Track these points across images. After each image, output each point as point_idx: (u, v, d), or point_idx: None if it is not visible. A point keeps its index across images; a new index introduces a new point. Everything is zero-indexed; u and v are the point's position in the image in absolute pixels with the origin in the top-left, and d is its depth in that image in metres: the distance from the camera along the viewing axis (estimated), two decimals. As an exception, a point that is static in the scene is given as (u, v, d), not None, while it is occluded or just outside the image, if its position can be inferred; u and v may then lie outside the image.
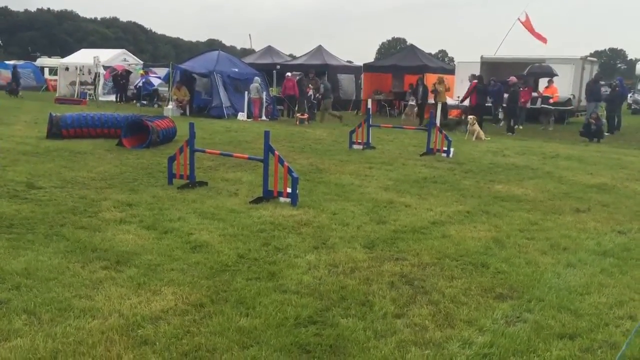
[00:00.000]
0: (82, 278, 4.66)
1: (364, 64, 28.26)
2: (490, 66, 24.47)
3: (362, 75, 27.43)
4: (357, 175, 10.00)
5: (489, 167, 11.40)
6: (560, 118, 22.70)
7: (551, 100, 21.57)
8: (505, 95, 20.38)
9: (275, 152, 7.76)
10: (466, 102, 20.94)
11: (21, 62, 46.21)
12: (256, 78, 22.00)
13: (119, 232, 6.01)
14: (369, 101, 16.53)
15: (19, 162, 10.11)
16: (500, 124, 21.16)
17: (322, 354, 3.56)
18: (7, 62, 46.15)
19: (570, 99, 23.29)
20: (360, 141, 13.62)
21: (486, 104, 21.16)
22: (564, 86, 22.56)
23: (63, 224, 6.24)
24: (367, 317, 4.11)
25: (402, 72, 26.68)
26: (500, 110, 21.92)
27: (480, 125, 20.13)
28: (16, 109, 22.16)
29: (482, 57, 24.76)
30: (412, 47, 29.28)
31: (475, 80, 20.37)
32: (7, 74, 41.31)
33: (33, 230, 5.95)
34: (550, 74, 22.11)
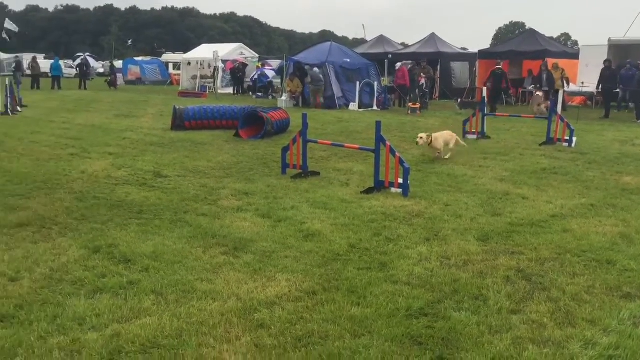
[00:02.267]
0: (204, 262, 4.93)
1: (479, 51, 27.34)
2: (620, 49, 22.71)
3: (477, 63, 26.56)
4: (470, 166, 9.73)
5: (617, 158, 10.64)
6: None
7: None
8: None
9: (387, 142, 7.74)
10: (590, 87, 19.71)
11: (148, 59, 49.43)
12: (315, 69, 22.14)
13: (237, 220, 6.27)
14: (484, 89, 15.98)
15: (147, 153, 10.85)
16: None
17: (435, 346, 3.52)
18: (135, 58, 49.60)
19: None
20: (474, 131, 13.23)
21: (615, 90, 19.78)
22: None
23: (186, 211, 6.62)
24: (481, 312, 4.00)
25: (520, 58, 25.52)
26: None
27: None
28: (144, 102, 23.78)
29: (609, 40, 23.06)
30: (532, 31, 27.93)
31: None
32: (137, 70, 44.43)
33: (160, 217, 6.36)
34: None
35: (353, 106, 21.60)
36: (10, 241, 5.34)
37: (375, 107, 21.95)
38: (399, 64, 24.36)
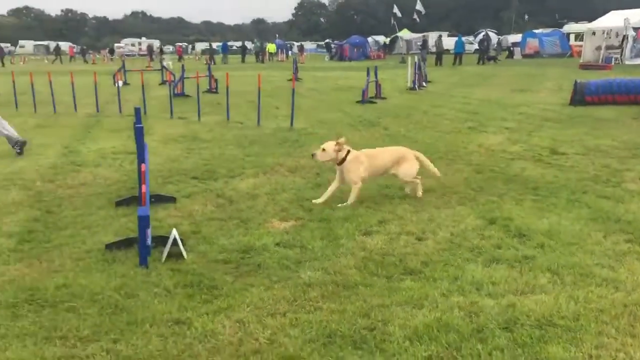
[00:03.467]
0: (604, 248, 4.61)
1: None
2: None
3: None
4: None
5: None
6: None
7: None
8: None
9: None
10: None
11: (548, 31, 47.93)
12: None
13: (645, 206, 5.65)
14: None
15: (542, 128, 10.63)
16: None
17: None
18: (534, 31, 48.62)
19: None
20: None
21: None
22: None
23: (585, 192, 6.27)
24: None
25: None
26: None
27: None
28: (541, 76, 23.23)
29: None
30: None
31: None
32: (535, 43, 43.66)
33: (556, 195, 6.18)
34: None
35: None
36: (417, 204, 5.96)
37: None
38: None
